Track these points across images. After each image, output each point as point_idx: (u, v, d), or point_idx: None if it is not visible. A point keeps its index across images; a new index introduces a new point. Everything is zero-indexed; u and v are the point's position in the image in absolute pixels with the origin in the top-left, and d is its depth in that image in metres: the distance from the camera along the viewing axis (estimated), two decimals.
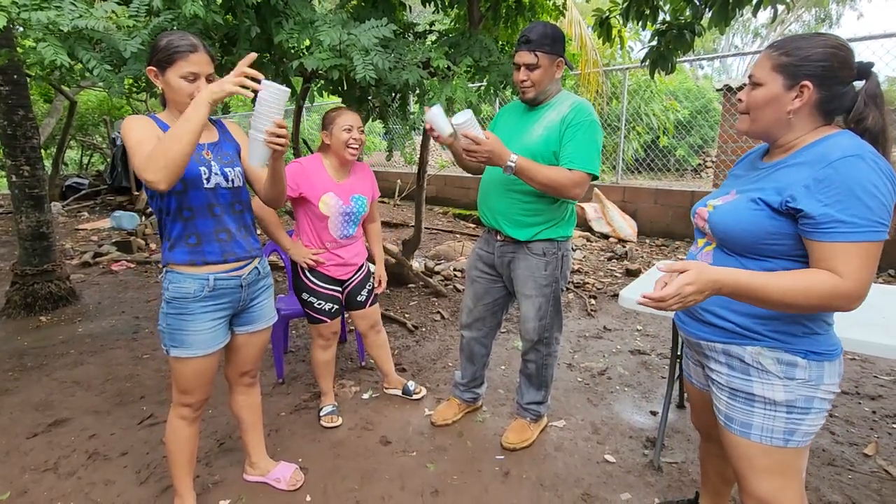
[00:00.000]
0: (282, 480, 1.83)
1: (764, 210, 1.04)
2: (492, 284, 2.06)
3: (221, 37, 2.37)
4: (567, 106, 1.78)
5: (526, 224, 1.87)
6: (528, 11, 3.26)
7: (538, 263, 1.89)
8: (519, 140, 1.83)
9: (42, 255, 3.65)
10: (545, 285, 1.91)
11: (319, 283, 2.14)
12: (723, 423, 1.17)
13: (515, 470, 1.95)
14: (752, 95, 1.09)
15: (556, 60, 1.77)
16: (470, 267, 2.12)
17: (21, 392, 2.54)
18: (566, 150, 1.74)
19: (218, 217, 1.50)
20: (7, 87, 3.35)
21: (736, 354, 1.13)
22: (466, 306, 2.15)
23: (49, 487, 1.85)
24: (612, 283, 4.34)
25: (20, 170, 3.49)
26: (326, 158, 2.11)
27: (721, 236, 1.12)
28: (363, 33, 2.03)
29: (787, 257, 1.06)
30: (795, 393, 1.07)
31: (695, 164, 9.36)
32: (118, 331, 3.35)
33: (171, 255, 1.47)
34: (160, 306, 1.52)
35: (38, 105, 8.97)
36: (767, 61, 1.06)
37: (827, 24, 17.75)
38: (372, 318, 2.34)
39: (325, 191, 2.05)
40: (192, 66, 1.38)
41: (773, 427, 1.09)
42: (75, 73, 2.16)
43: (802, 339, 1.08)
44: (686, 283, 0.96)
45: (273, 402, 2.42)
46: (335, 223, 2.09)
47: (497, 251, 1.98)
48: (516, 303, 2.05)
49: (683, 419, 2.28)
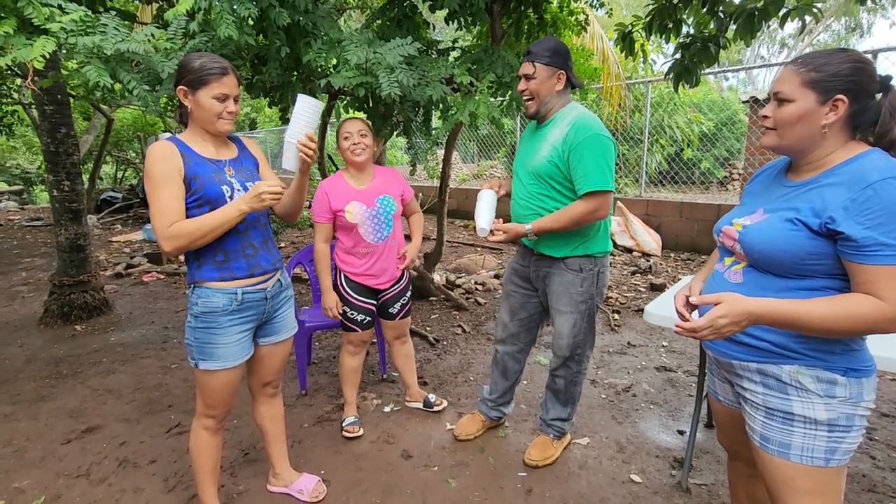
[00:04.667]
0: (304, 492, 1.84)
1: (802, 231, 1.03)
2: (527, 300, 2.04)
3: (252, 57, 2.46)
4: (567, 123, 1.74)
5: (560, 244, 1.85)
6: (550, 27, 3.28)
7: (574, 279, 1.86)
8: (528, 162, 1.86)
9: (79, 267, 3.79)
10: (581, 301, 1.87)
11: (355, 295, 2.18)
12: (758, 443, 1.14)
13: (538, 488, 1.92)
14: (780, 112, 1.07)
15: (556, 72, 1.76)
16: (506, 281, 2.12)
17: (56, 399, 2.63)
18: (577, 175, 1.72)
19: (243, 233, 1.54)
20: (51, 107, 3.52)
21: (772, 373, 1.10)
22: (502, 321, 2.14)
23: (82, 493, 1.91)
24: (636, 298, 4.27)
25: (61, 185, 3.65)
26: (346, 172, 2.18)
27: (757, 257, 1.10)
28: (388, 52, 2.08)
29: (827, 276, 1.04)
30: (837, 411, 1.05)
31: (720, 177, 9.19)
32: (148, 340, 3.45)
33: (199, 273, 1.51)
34: (186, 320, 1.55)
35: (77, 122, 9.38)
36: (795, 77, 1.05)
37: (858, 34, 17.33)
38: (400, 329, 2.37)
39: (348, 200, 2.09)
40: (224, 87, 1.45)
41: (814, 447, 1.06)
42: (115, 92, 2.26)
43: (841, 357, 1.05)
44: (719, 316, 0.98)
45: (296, 414, 2.45)
46: (366, 228, 2.12)
47: (533, 265, 1.97)
48: (549, 319, 2.03)
49: (712, 439, 2.21)
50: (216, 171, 1.51)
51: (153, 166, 1.42)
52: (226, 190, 1.50)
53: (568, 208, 1.76)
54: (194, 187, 1.46)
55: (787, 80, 1.06)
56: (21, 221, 9.10)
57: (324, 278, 2.15)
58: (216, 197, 1.48)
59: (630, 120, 7.66)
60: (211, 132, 1.52)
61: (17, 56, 1.61)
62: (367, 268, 2.17)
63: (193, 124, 1.52)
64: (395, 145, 11.04)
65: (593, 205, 1.72)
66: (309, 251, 2.88)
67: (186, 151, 1.48)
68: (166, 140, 1.49)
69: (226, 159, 1.56)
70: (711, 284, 1.23)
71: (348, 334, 2.23)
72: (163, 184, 1.41)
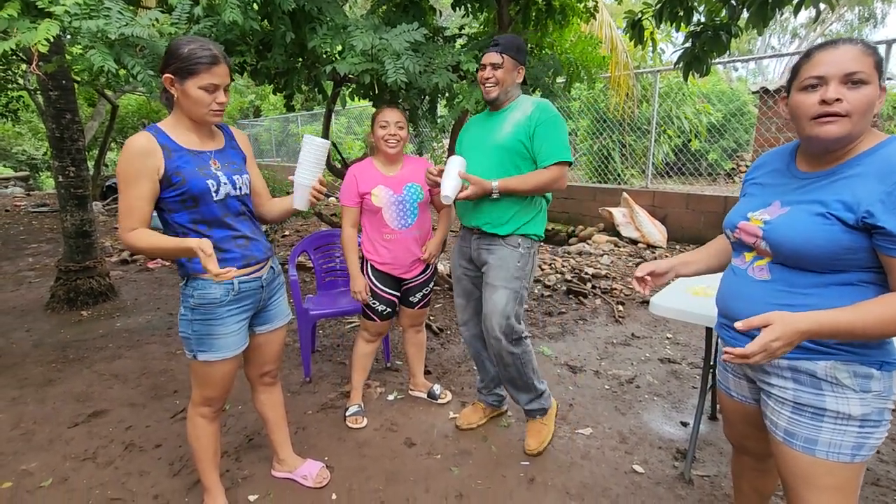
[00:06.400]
0: (308, 477, 1.86)
1: (836, 225, 0.99)
2: (477, 280, 2.08)
3: (257, 42, 2.44)
4: (530, 105, 1.90)
5: (505, 220, 1.93)
6: (558, 14, 3.23)
7: (511, 254, 1.93)
8: (488, 141, 1.94)
9: (84, 253, 3.81)
10: (515, 278, 1.92)
11: (380, 285, 2.18)
12: (781, 439, 1.12)
13: (541, 477, 1.93)
14: (859, 94, 0.96)
15: (518, 67, 1.93)
16: (454, 266, 2.15)
17: (64, 383, 2.66)
18: (542, 148, 1.86)
19: (232, 225, 1.50)
20: (56, 92, 3.51)
21: (805, 370, 1.07)
22: (459, 304, 2.17)
23: (88, 476, 1.93)
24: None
25: (66, 171, 3.66)
26: (376, 158, 2.17)
27: (788, 253, 1.05)
28: (395, 38, 2.06)
29: (861, 269, 1.01)
30: (871, 406, 1.03)
31: (728, 169, 9.10)
32: (153, 326, 3.47)
33: (194, 266, 1.46)
34: (180, 313, 1.52)
35: (82, 109, 9.38)
36: (867, 57, 0.96)
37: (871, 24, 17.03)
38: (418, 318, 2.39)
39: (376, 184, 2.10)
40: (215, 77, 1.37)
41: (842, 442, 1.04)
42: (120, 78, 2.25)
43: (877, 351, 1.03)
44: (772, 340, 0.93)
45: (300, 401, 2.46)
46: (390, 213, 2.11)
47: (474, 243, 2.02)
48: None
49: (716, 431, 2.21)
50: (200, 163, 1.43)
51: (127, 163, 1.35)
52: (211, 184, 1.43)
53: (534, 173, 1.87)
54: (176, 182, 1.38)
55: (861, 60, 0.96)
56: (27, 207, 9.15)
57: (352, 262, 2.15)
58: (201, 192, 1.41)
59: (638, 110, 7.58)
60: (198, 122, 1.45)
61: (22, 40, 1.60)
62: (392, 256, 2.15)
63: (178, 112, 1.43)
64: None
65: (557, 173, 1.87)
66: (313, 239, 2.88)
67: (168, 143, 1.40)
68: (145, 132, 1.40)
69: (211, 150, 1.48)
70: (734, 282, 1.19)
71: (366, 322, 2.24)
72: (134, 182, 1.35)
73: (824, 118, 0.98)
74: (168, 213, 1.45)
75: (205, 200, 1.43)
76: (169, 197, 1.41)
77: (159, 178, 1.38)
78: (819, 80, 0.99)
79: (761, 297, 1.10)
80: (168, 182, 1.39)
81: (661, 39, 5.83)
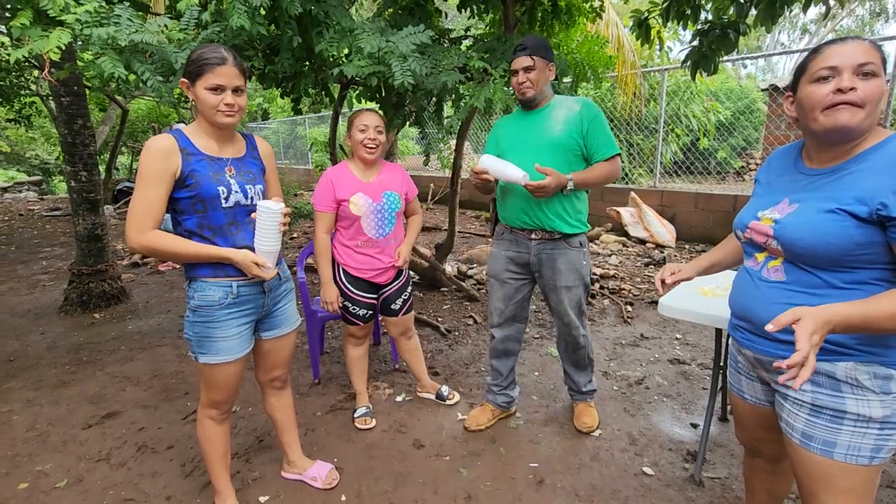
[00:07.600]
0: (318, 479, 1.87)
1: (848, 220, 0.98)
2: (522, 284, 2.14)
3: (264, 47, 2.46)
4: (575, 103, 1.97)
5: (569, 218, 1.99)
6: (564, 14, 3.22)
7: (578, 254, 2.03)
8: (538, 138, 1.97)
9: (97, 256, 3.86)
10: (585, 275, 2.06)
11: (355, 290, 2.17)
12: (798, 441, 1.10)
13: (550, 479, 1.92)
14: (871, 85, 0.97)
15: (549, 65, 1.97)
16: (498, 271, 2.14)
17: (77, 385, 2.70)
18: (598, 143, 1.94)
19: (234, 235, 1.51)
20: (68, 98, 3.57)
21: (825, 371, 1.06)
22: (497, 308, 2.17)
23: (102, 477, 1.96)
24: (649, 290, 4.23)
25: (78, 175, 3.71)
26: (352, 162, 2.15)
27: (800, 251, 1.05)
28: (401, 40, 2.06)
29: (874, 266, 1.00)
30: (892, 408, 1.02)
31: (737, 167, 9.01)
32: (164, 329, 3.51)
33: (194, 269, 1.49)
34: (185, 315, 1.55)
35: (93, 114, 9.51)
36: (875, 51, 0.98)
37: (883, 19, 16.79)
38: (404, 325, 2.36)
39: (354, 192, 2.07)
40: (219, 77, 1.40)
41: (861, 445, 1.03)
42: (130, 83, 2.28)
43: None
44: (812, 333, 0.90)
45: (309, 402, 2.48)
46: (368, 222, 2.10)
47: (534, 250, 2.04)
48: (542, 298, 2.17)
49: (726, 433, 2.19)
50: (216, 169, 1.46)
51: (149, 163, 1.38)
52: (222, 191, 1.45)
53: (598, 166, 1.94)
54: (190, 184, 1.42)
55: (869, 53, 0.98)
56: (41, 211, 9.29)
57: (324, 270, 2.12)
58: (211, 197, 1.44)
59: (645, 109, 7.53)
60: (214, 126, 1.47)
61: (34, 48, 1.62)
62: (365, 263, 2.14)
63: (199, 117, 1.48)
64: (407, 135, 11.01)
65: (615, 165, 1.96)
66: None
67: (187, 146, 1.44)
68: (167, 133, 1.45)
69: (228, 157, 1.51)
70: (748, 284, 1.17)
71: (350, 327, 2.24)
72: (155, 181, 1.38)
73: (838, 106, 0.99)
74: (178, 216, 1.48)
75: (213, 206, 1.45)
76: (181, 198, 1.43)
77: (175, 179, 1.41)
78: (832, 71, 0.99)
79: (777, 298, 1.09)
80: (182, 183, 1.42)
81: (668, 37, 5.80)
